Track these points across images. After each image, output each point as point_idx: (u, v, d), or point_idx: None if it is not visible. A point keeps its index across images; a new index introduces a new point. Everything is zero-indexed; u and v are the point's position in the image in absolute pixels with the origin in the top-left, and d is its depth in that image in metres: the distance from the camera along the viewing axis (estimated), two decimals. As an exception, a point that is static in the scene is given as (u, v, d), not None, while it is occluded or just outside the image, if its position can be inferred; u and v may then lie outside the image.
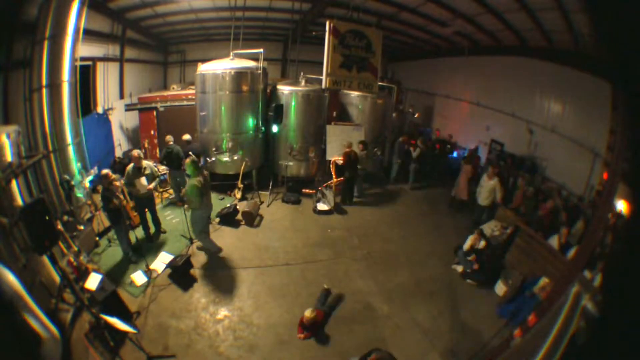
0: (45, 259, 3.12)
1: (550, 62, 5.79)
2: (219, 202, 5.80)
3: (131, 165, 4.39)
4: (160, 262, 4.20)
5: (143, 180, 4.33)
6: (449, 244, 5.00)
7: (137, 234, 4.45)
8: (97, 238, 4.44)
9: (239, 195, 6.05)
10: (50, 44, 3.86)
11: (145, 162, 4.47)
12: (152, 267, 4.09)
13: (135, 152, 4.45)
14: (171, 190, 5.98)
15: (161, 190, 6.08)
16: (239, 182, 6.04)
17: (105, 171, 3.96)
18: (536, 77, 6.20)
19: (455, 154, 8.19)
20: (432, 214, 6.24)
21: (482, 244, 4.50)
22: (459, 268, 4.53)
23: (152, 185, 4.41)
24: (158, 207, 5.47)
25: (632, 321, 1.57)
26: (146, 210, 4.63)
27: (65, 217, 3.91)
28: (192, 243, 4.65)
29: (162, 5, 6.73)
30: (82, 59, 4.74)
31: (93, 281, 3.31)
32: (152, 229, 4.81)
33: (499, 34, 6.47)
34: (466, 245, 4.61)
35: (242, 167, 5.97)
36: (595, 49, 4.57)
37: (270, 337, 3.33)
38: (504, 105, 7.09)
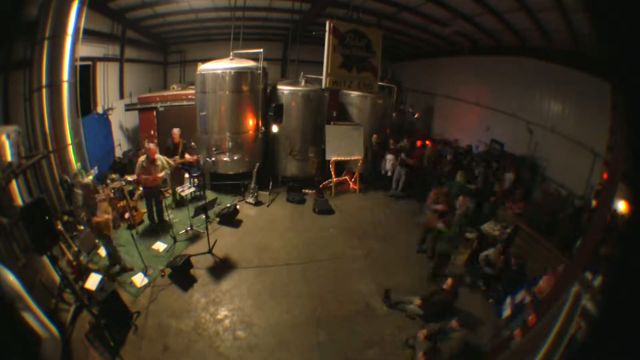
0: (45, 259, 3.12)
1: (550, 62, 5.79)
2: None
3: (144, 156, 4.61)
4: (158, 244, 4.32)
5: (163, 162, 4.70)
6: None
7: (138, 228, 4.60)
8: (97, 239, 4.43)
9: (252, 199, 6.01)
10: (50, 44, 3.86)
11: (158, 155, 4.74)
12: (154, 247, 4.24)
13: (152, 145, 4.71)
14: (170, 190, 5.97)
15: (162, 189, 6.06)
16: (252, 183, 6.02)
17: (87, 180, 3.91)
18: (536, 77, 6.19)
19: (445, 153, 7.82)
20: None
21: (501, 259, 4.17)
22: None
23: (161, 174, 4.66)
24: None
25: (632, 321, 1.57)
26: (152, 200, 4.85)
27: (65, 217, 3.91)
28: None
29: (162, 5, 6.72)
30: (82, 59, 4.73)
31: (93, 281, 3.32)
32: (157, 220, 5.00)
33: (499, 34, 6.46)
34: (481, 257, 4.37)
35: (256, 168, 5.98)
36: (595, 49, 4.57)
37: (270, 337, 3.32)
38: (504, 105, 7.08)
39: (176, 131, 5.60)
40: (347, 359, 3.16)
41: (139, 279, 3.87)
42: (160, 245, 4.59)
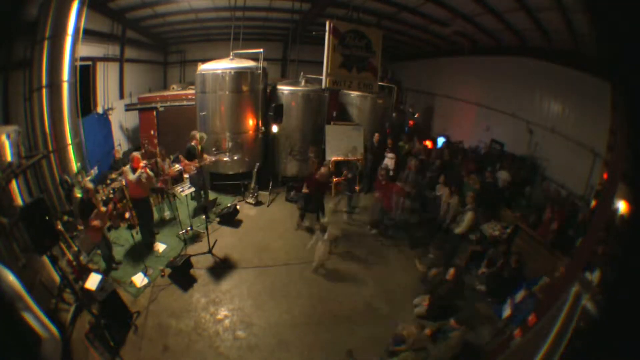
0: (45, 259, 3.12)
1: (550, 62, 5.79)
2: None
3: (127, 166, 4.25)
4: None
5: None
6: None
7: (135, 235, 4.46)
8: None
9: (252, 200, 6.01)
10: (50, 44, 3.86)
11: (143, 163, 4.33)
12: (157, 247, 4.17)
13: (135, 153, 4.38)
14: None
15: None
16: (252, 183, 6.02)
17: (89, 185, 3.72)
18: (536, 77, 6.19)
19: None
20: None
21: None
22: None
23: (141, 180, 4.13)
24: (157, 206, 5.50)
25: (632, 321, 1.57)
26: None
27: (65, 217, 3.91)
28: (186, 243, 4.66)
29: (162, 5, 6.72)
30: (82, 59, 4.72)
31: (93, 281, 3.32)
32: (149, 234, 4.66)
33: (498, 34, 6.46)
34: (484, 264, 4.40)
35: (256, 168, 5.97)
36: (595, 49, 4.57)
37: (270, 337, 3.33)
38: (504, 105, 7.08)
39: (196, 133, 5.33)
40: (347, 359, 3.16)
41: (139, 279, 3.87)
42: (160, 246, 4.59)
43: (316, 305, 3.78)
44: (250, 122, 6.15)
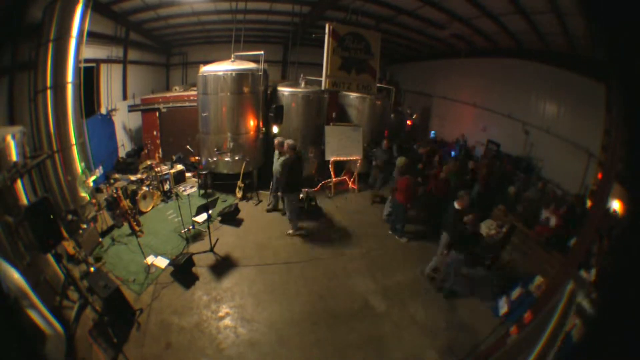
0: (49, 257, 3.17)
1: (545, 64, 5.89)
2: (222, 203, 5.85)
3: None
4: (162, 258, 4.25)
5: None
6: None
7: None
8: (100, 238, 4.48)
9: (239, 194, 6.13)
10: (54, 46, 3.93)
11: None
12: (155, 262, 4.16)
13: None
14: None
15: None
16: (240, 181, 6.11)
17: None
18: (532, 78, 6.30)
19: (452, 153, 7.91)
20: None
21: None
22: None
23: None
24: (159, 206, 5.57)
25: (626, 319, 1.63)
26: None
27: (69, 216, 3.96)
28: (188, 242, 4.71)
29: (165, 8, 6.82)
30: (86, 60, 4.79)
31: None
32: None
33: (495, 36, 6.57)
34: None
35: (242, 167, 6.05)
36: (590, 51, 4.67)
37: (271, 335, 3.37)
38: (500, 107, 7.19)
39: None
40: (345, 356, 3.21)
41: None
42: (152, 259, 4.29)
43: (316, 303, 3.83)
44: (251, 122, 6.22)
